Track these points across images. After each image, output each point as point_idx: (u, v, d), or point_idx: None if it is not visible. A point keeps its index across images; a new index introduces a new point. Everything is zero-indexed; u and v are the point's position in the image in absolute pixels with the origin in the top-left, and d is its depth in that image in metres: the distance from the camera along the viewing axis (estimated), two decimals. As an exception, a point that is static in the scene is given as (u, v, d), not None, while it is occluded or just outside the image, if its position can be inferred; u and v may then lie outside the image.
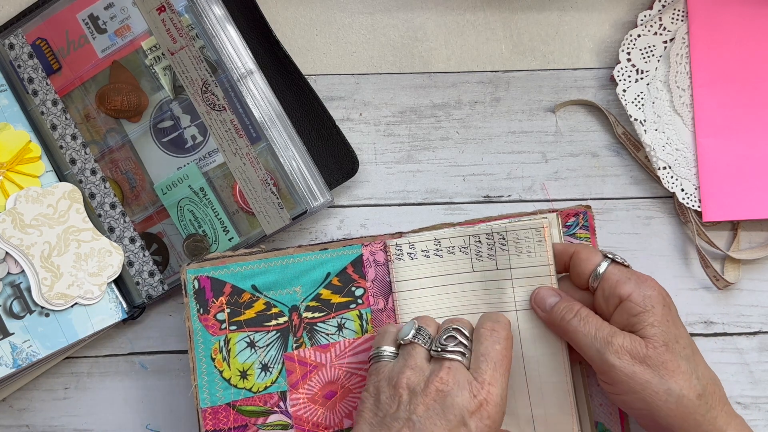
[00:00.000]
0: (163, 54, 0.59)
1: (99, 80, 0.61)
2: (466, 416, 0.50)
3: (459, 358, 0.52)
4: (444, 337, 0.54)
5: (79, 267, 0.60)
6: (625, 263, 0.55)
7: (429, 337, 0.54)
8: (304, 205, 0.59)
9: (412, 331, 0.54)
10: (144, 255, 0.61)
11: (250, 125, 0.59)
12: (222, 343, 0.59)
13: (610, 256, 0.55)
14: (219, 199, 0.60)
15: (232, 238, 0.60)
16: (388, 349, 0.55)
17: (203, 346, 0.58)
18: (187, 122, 0.60)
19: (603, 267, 0.54)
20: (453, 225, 0.60)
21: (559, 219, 0.58)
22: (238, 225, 0.60)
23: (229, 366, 0.58)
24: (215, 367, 0.58)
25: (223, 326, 0.58)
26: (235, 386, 0.58)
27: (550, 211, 0.59)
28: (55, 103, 0.61)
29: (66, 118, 0.61)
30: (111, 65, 0.60)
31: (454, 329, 0.54)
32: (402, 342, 0.54)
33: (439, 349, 0.53)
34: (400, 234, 0.61)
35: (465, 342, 0.53)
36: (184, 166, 0.60)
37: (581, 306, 0.55)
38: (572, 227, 0.60)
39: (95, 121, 0.61)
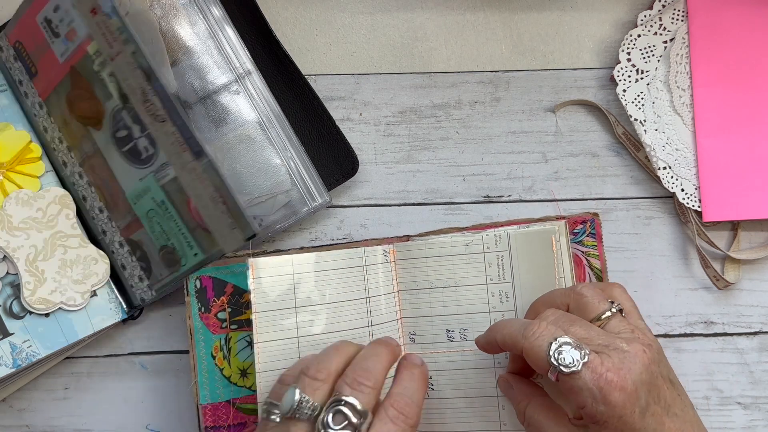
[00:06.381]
0: (105, 60, 0.56)
1: (65, 86, 0.59)
2: None
3: None
4: (330, 413, 0.45)
5: (64, 273, 0.59)
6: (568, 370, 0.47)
7: (313, 409, 0.46)
8: (252, 230, 0.55)
9: (293, 405, 0.46)
10: (132, 260, 0.60)
11: (191, 138, 0.55)
12: (223, 342, 0.59)
13: (554, 362, 0.47)
14: (179, 213, 0.57)
15: (197, 254, 0.57)
16: (274, 410, 0.48)
17: (204, 344, 0.59)
18: (138, 132, 0.57)
19: (553, 376, 0.47)
20: (461, 229, 0.60)
21: (567, 227, 0.58)
22: (200, 241, 0.57)
23: (229, 364, 0.59)
24: (216, 365, 0.59)
25: (224, 325, 0.59)
26: (235, 384, 0.59)
27: (557, 218, 0.59)
28: (41, 106, 0.60)
29: (51, 122, 0.60)
30: (69, 71, 0.58)
31: (344, 404, 0.46)
32: (279, 416, 0.48)
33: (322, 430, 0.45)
34: (408, 237, 0.61)
35: (355, 420, 0.45)
36: (145, 177, 0.58)
37: (529, 401, 0.51)
38: (579, 234, 0.60)
39: (70, 126, 0.59)
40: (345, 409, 0.45)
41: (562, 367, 0.46)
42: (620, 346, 0.47)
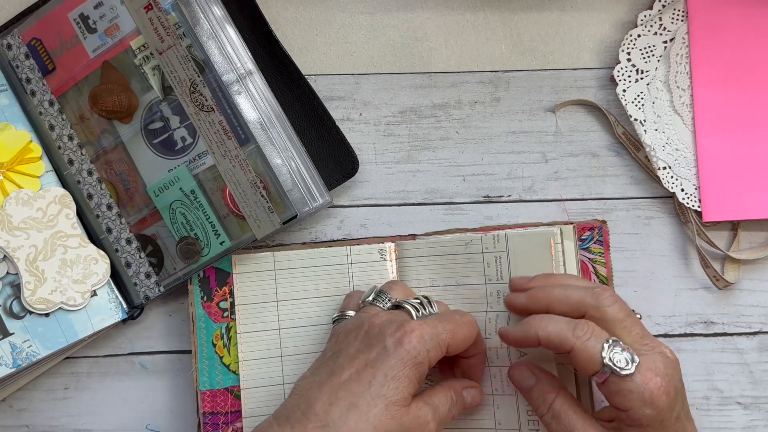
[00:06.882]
0: (151, 53, 0.58)
1: (91, 81, 0.60)
2: (386, 338, 0.49)
3: (409, 308, 0.52)
4: (410, 299, 0.54)
5: (64, 273, 0.59)
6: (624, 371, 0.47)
7: (389, 300, 0.54)
8: (294, 210, 0.58)
9: (372, 295, 0.54)
10: (140, 257, 0.60)
11: (239, 126, 0.58)
12: (223, 331, 0.60)
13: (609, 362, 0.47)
14: (210, 202, 0.59)
15: (224, 242, 0.59)
16: (350, 313, 0.55)
17: (205, 331, 0.60)
18: (177, 123, 0.59)
19: (601, 378, 0.47)
20: (465, 231, 0.60)
21: (575, 231, 0.57)
22: (228, 228, 0.58)
23: (229, 353, 0.60)
24: (216, 352, 0.59)
25: (225, 314, 0.60)
26: (234, 372, 0.59)
27: (565, 224, 0.59)
28: (51, 103, 0.61)
29: (62, 119, 0.61)
30: (102, 65, 0.59)
31: (423, 296, 0.54)
32: (362, 304, 0.55)
33: (396, 303, 0.53)
34: (414, 236, 0.61)
35: (427, 306, 0.53)
36: (175, 168, 0.59)
37: (557, 394, 0.51)
38: (587, 241, 0.60)
39: (89, 122, 0.60)
40: (422, 299, 0.53)
41: (617, 369, 0.46)
42: (664, 351, 0.48)
